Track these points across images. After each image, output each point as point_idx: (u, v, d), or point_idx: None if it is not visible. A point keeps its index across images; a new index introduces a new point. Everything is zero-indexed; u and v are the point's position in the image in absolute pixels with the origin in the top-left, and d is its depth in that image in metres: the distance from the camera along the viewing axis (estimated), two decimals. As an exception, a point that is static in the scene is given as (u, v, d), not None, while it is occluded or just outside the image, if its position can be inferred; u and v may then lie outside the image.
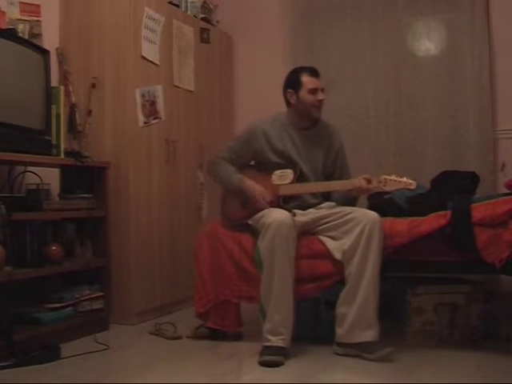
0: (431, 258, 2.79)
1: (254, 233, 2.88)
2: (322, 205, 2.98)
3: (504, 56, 3.85)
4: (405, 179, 2.73)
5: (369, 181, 2.79)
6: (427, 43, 4.06)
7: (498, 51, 3.86)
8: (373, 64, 4.12)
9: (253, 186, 2.96)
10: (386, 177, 2.76)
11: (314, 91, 2.95)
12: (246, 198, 2.97)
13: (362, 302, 2.67)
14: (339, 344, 2.73)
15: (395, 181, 2.74)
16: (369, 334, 2.66)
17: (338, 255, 2.77)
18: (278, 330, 2.69)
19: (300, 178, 2.95)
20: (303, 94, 2.96)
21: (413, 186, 2.72)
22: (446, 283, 3.00)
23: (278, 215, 2.73)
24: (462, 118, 3.92)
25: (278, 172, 2.97)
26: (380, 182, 2.77)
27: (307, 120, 3.03)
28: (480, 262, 2.68)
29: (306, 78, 2.97)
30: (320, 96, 2.96)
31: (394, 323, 3.04)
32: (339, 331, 2.73)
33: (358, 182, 2.79)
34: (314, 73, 2.99)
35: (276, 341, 2.68)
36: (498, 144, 3.85)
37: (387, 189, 2.77)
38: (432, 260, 2.79)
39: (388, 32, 4.09)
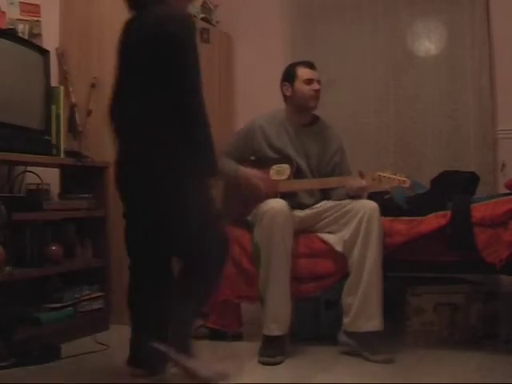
0: (431, 257, 2.79)
1: (252, 227, 2.88)
2: (319, 203, 2.98)
3: (504, 56, 3.84)
4: (398, 176, 2.74)
5: (362, 175, 2.78)
6: (427, 43, 4.05)
7: (498, 51, 3.86)
8: (373, 64, 4.12)
9: (248, 171, 2.95)
10: (381, 173, 2.76)
11: (309, 81, 2.97)
12: (246, 190, 2.96)
13: (365, 290, 2.67)
14: (345, 332, 2.74)
15: (389, 178, 2.74)
16: (373, 324, 2.66)
17: (339, 247, 2.77)
18: (276, 317, 2.70)
19: (297, 172, 2.96)
20: (298, 84, 2.98)
21: (406, 184, 2.72)
22: (445, 283, 3.00)
23: (274, 204, 2.74)
24: (462, 118, 3.92)
25: (275, 167, 2.98)
26: (374, 180, 2.77)
27: (304, 113, 3.03)
28: (480, 262, 2.68)
29: (300, 70, 3.00)
30: (316, 86, 2.96)
31: (394, 323, 3.04)
32: (345, 320, 2.73)
33: (352, 179, 2.80)
34: (309, 65, 3.02)
35: (275, 329, 2.69)
36: (498, 144, 3.84)
37: (382, 186, 2.77)
38: (432, 260, 2.80)
39: (388, 32, 4.08)
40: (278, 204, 2.74)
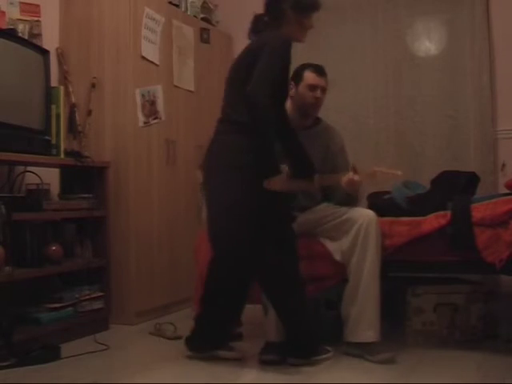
0: (431, 258, 2.79)
1: None
2: (320, 206, 2.97)
3: (504, 56, 3.84)
4: (391, 170, 2.74)
5: (355, 170, 2.75)
6: (427, 43, 4.06)
7: (498, 51, 3.86)
8: (373, 64, 4.13)
9: None
10: (376, 169, 2.75)
11: (312, 88, 2.93)
12: None
13: (362, 300, 2.67)
14: (345, 343, 2.74)
15: (382, 172, 2.73)
16: (369, 335, 2.65)
17: (337, 256, 2.77)
18: (277, 324, 2.69)
19: None
20: (302, 88, 2.94)
21: (399, 174, 2.70)
22: (446, 283, 3.00)
23: None
24: (462, 118, 3.93)
25: None
26: (367, 174, 2.75)
27: (304, 117, 3.01)
28: (480, 262, 2.68)
29: (308, 73, 2.95)
30: (317, 94, 2.93)
31: (394, 323, 3.04)
32: (345, 330, 2.73)
33: (346, 175, 2.78)
34: (318, 70, 2.97)
35: (275, 336, 2.68)
36: (497, 144, 3.85)
37: (375, 180, 2.76)
38: (432, 260, 2.79)
39: (388, 32, 4.09)
40: None
